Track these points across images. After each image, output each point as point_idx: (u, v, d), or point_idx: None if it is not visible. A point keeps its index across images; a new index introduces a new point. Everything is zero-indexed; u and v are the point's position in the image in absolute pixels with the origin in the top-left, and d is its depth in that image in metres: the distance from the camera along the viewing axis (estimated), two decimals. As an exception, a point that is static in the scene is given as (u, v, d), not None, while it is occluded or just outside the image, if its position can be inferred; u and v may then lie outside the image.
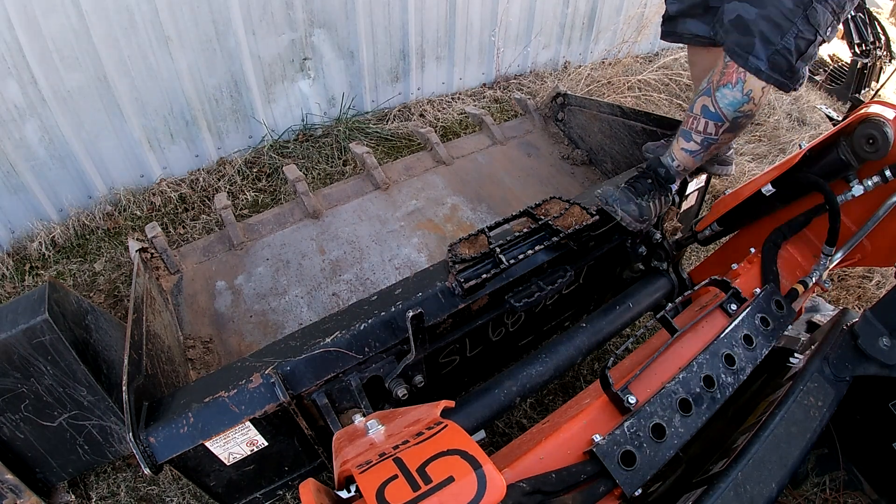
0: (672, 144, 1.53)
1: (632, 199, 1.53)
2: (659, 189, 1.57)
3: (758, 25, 1.23)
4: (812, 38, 1.22)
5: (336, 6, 2.97)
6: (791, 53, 1.22)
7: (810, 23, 1.20)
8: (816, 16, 1.19)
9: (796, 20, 1.20)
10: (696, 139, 1.44)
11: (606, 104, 2.52)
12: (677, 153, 1.51)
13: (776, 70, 1.25)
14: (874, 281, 2.71)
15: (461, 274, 1.42)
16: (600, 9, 4.19)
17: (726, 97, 1.33)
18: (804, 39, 1.21)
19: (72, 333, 1.53)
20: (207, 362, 1.84)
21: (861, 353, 1.21)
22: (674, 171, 1.55)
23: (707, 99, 1.37)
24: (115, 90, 2.54)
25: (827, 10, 1.20)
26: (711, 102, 1.37)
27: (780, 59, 1.23)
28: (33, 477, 1.73)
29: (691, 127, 1.44)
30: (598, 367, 2.26)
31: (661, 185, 1.57)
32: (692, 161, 1.50)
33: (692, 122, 1.43)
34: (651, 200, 1.55)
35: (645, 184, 1.56)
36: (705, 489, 1.01)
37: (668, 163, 1.55)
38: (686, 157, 1.50)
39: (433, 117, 3.49)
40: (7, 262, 2.53)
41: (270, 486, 1.49)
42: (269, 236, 2.28)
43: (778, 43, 1.22)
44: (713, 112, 1.37)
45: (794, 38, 1.21)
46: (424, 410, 0.91)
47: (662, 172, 1.56)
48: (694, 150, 1.46)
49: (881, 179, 1.38)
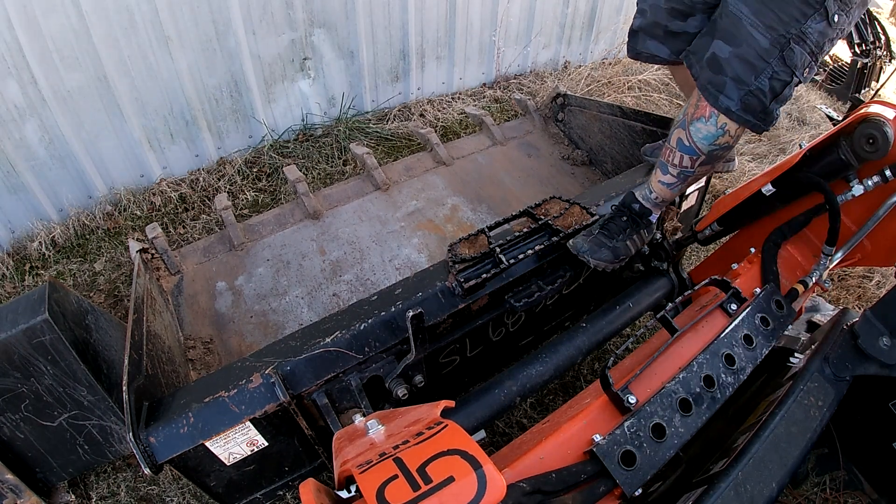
0: (651, 176, 1.51)
1: (603, 245, 1.51)
2: (634, 226, 1.55)
3: (731, 65, 1.18)
4: (788, 79, 1.17)
5: (336, 6, 2.97)
6: (765, 95, 1.18)
7: (787, 64, 1.15)
8: (794, 57, 1.14)
9: (772, 61, 1.15)
10: (672, 172, 1.42)
11: (606, 104, 2.52)
12: (655, 185, 1.50)
13: (748, 111, 1.21)
14: (874, 281, 2.71)
15: (461, 274, 1.42)
16: (600, 9, 4.19)
17: (700, 131, 1.30)
18: (779, 81, 1.17)
19: (72, 333, 1.53)
20: (208, 363, 1.84)
21: (861, 353, 1.21)
22: (651, 205, 1.54)
23: (682, 132, 1.35)
24: (115, 90, 2.54)
25: (805, 50, 1.15)
26: (686, 136, 1.34)
27: (752, 100, 1.19)
28: (33, 477, 1.73)
29: (668, 160, 1.42)
30: (598, 366, 2.25)
31: (637, 222, 1.56)
32: (670, 193, 1.49)
33: (669, 154, 1.41)
34: (627, 239, 1.54)
35: (619, 223, 1.54)
36: (705, 489, 1.01)
37: (646, 195, 1.53)
38: (664, 190, 1.48)
39: (433, 117, 3.49)
40: (7, 262, 2.53)
41: (271, 487, 1.49)
42: (270, 237, 2.28)
43: (751, 83, 1.17)
44: (688, 146, 1.34)
45: (768, 78, 1.17)
46: (424, 410, 0.91)
47: (637, 208, 1.54)
48: (671, 183, 1.45)
49: (881, 179, 1.38)
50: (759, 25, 1.14)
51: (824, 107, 4.03)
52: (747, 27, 1.15)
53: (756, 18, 1.14)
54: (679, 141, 1.36)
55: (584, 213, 1.61)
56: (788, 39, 1.13)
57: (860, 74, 4.51)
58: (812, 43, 1.14)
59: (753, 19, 1.15)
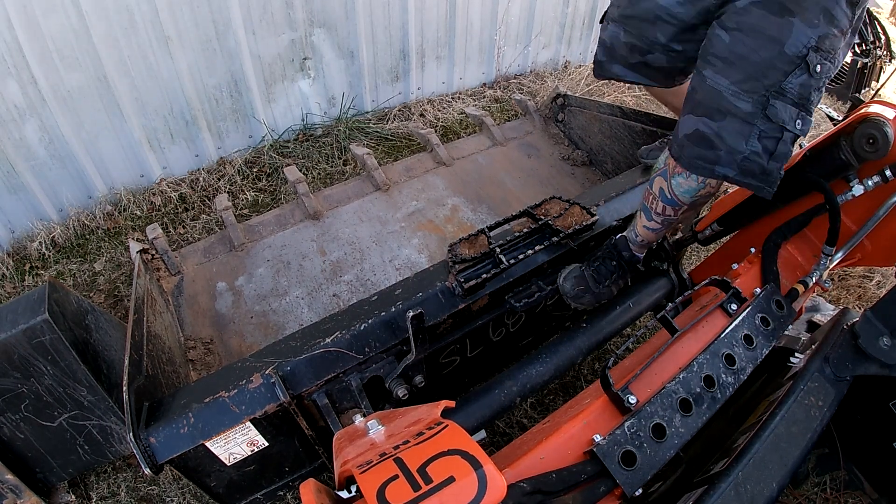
0: (635, 219, 1.52)
1: (589, 290, 1.53)
2: (621, 272, 1.57)
3: (721, 138, 1.17)
4: (779, 135, 1.15)
5: (336, 6, 2.97)
6: (760, 156, 1.16)
7: (772, 121, 1.13)
8: (777, 112, 1.12)
9: (756, 121, 1.13)
10: (656, 219, 1.43)
11: (606, 105, 2.52)
12: (640, 230, 1.50)
13: (748, 175, 1.19)
14: (874, 281, 2.71)
15: (461, 274, 1.42)
16: (600, 9, 4.19)
17: (681, 186, 1.30)
18: (770, 138, 1.15)
19: (72, 333, 1.53)
20: (208, 363, 1.84)
21: (861, 353, 1.21)
22: (636, 247, 1.55)
23: (664, 182, 1.34)
24: (115, 90, 2.54)
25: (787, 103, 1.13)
26: (668, 188, 1.33)
27: (750, 164, 1.17)
28: (33, 477, 1.73)
29: (651, 206, 1.42)
30: (598, 367, 2.25)
31: (624, 268, 1.57)
32: (654, 236, 1.50)
33: (651, 200, 1.41)
34: (612, 284, 1.56)
35: (609, 267, 1.56)
36: (706, 489, 1.01)
37: (632, 238, 1.54)
38: (648, 234, 1.49)
39: (433, 117, 3.49)
40: (7, 262, 2.53)
41: (271, 487, 1.49)
42: (270, 237, 2.28)
43: (744, 150, 1.16)
44: (669, 198, 1.34)
45: (757, 139, 1.15)
46: (425, 410, 0.91)
47: (627, 256, 1.56)
48: (655, 229, 1.46)
49: (881, 179, 1.38)
50: (741, 93, 1.13)
51: (824, 107, 4.03)
52: (729, 98, 1.14)
53: (737, 87, 1.13)
54: (661, 191, 1.36)
55: (584, 213, 1.61)
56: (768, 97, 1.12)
57: (860, 74, 4.51)
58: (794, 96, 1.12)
59: (734, 88, 1.13)
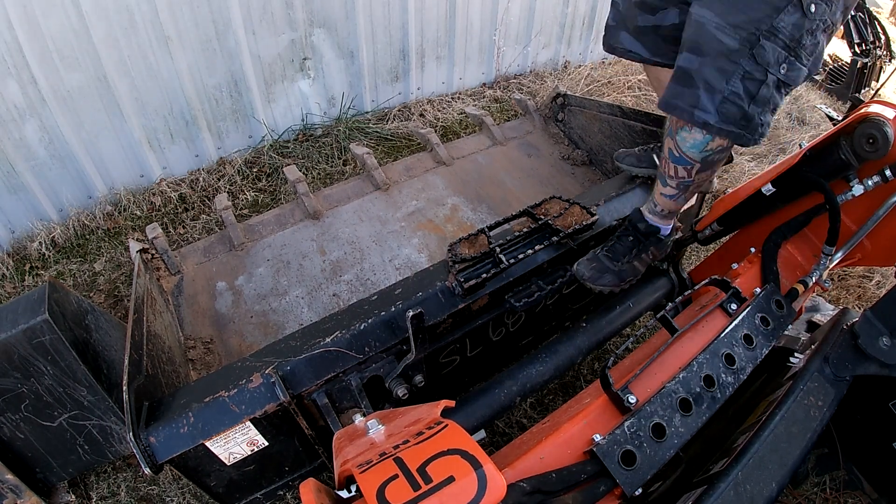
0: (654, 189, 1.46)
1: (607, 270, 1.46)
2: (640, 246, 1.50)
3: (702, 74, 1.10)
4: (762, 78, 1.09)
5: (336, 6, 2.97)
6: (741, 98, 1.10)
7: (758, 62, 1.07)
8: (765, 54, 1.07)
9: (742, 61, 1.07)
10: (671, 184, 1.37)
11: (606, 104, 2.52)
12: (658, 199, 1.45)
13: (727, 121, 1.12)
14: (874, 280, 2.71)
15: (461, 274, 1.42)
16: (600, 8, 4.19)
17: (686, 141, 1.23)
18: (753, 80, 1.09)
19: (72, 333, 1.53)
20: (208, 363, 1.84)
21: (861, 353, 1.21)
22: (659, 219, 1.48)
23: (671, 142, 1.28)
24: (115, 90, 2.54)
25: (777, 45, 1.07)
26: (675, 146, 1.27)
27: (729, 107, 1.11)
28: (33, 477, 1.73)
29: (665, 171, 1.36)
30: (598, 366, 2.25)
31: (643, 241, 1.50)
32: (675, 204, 1.43)
33: (665, 165, 1.34)
34: (634, 260, 1.49)
35: (625, 243, 1.50)
36: (705, 489, 1.01)
37: (653, 208, 1.48)
38: (668, 202, 1.43)
39: (433, 117, 3.49)
40: (7, 262, 2.53)
41: (271, 487, 1.49)
42: (270, 237, 2.28)
43: (724, 89, 1.09)
44: (678, 156, 1.28)
45: (740, 79, 1.09)
46: (425, 410, 0.91)
47: (643, 227, 1.49)
48: (673, 195, 1.40)
49: (881, 179, 1.38)
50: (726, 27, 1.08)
51: (824, 107, 4.03)
52: (712, 30, 1.08)
53: (721, 20, 1.08)
54: (670, 152, 1.30)
55: (584, 212, 1.61)
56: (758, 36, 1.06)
57: (860, 74, 4.51)
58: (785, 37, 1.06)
59: (718, 21, 1.08)
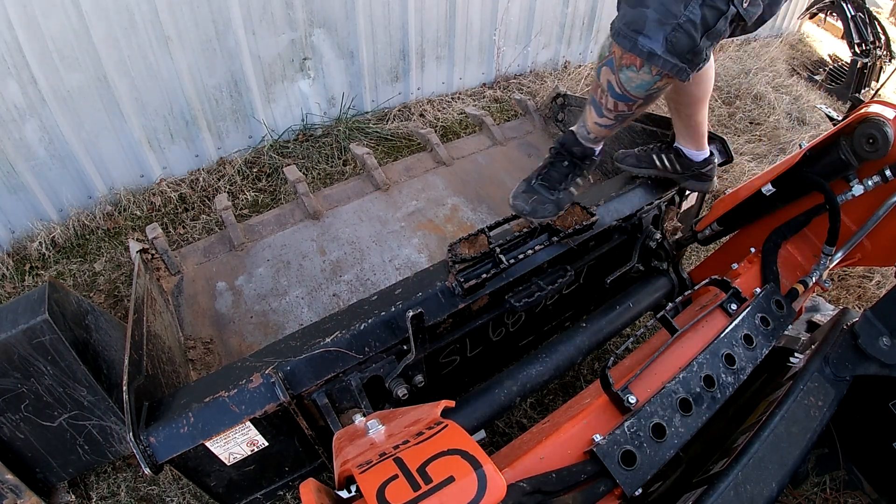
0: (584, 112, 1.35)
1: (546, 201, 1.41)
2: (577, 170, 1.45)
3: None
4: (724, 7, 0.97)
5: (336, 6, 2.97)
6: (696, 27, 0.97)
7: None
8: None
9: None
10: (608, 115, 1.25)
11: (606, 104, 2.52)
12: (591, 126, 1.35)
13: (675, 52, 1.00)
14: (874, 280, 2.71)
15: (461, 274, 1.42)
16: (600, 8, 4.19)
17: (633, 81, 1.10)
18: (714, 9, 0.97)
19: (72, 333, 1.53)
20: (208, 363, 1.84)
21: (861, 353, 1.21)
22: (591, 143, 1.42)
23: (612, 76, 1.13)
24: (115, 90, 2.54)
25: None
26: (617, 83, 1.13)
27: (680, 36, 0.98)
28: (33, 477, 1.73)
29: (602, 103, 1.22)
30: (598, 366, 2.25)
31: (579, 164, 1.45)
32: (608, 132, 1.35)
33: (600, 95, 1.21)
34: (570, 185, 1.44)
35: (561, 169, 1.43)
36: (705, 489, 1.01)
37: (584, 134, 1.40)
38: (601, 130, 1.34)
39: (433, 117, 3.49)
40: (7, 262, 2.53)
41: (271, 487, 1.48)
42: (270, 237, 2.28)
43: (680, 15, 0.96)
44: (620, 94, 1.15)
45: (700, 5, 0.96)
46: (425, 410, 0.91)
47: (578, 151, 1.43)
48: (608, 125, 1.29)
49: (881, 179, 1.38)
50: None
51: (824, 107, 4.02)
52: None
53: None
54: (610, 86, 1.16)
55: (584, 212, 1.61)
56: None
57: (860, 74, 4.52)
58: None
59: None
